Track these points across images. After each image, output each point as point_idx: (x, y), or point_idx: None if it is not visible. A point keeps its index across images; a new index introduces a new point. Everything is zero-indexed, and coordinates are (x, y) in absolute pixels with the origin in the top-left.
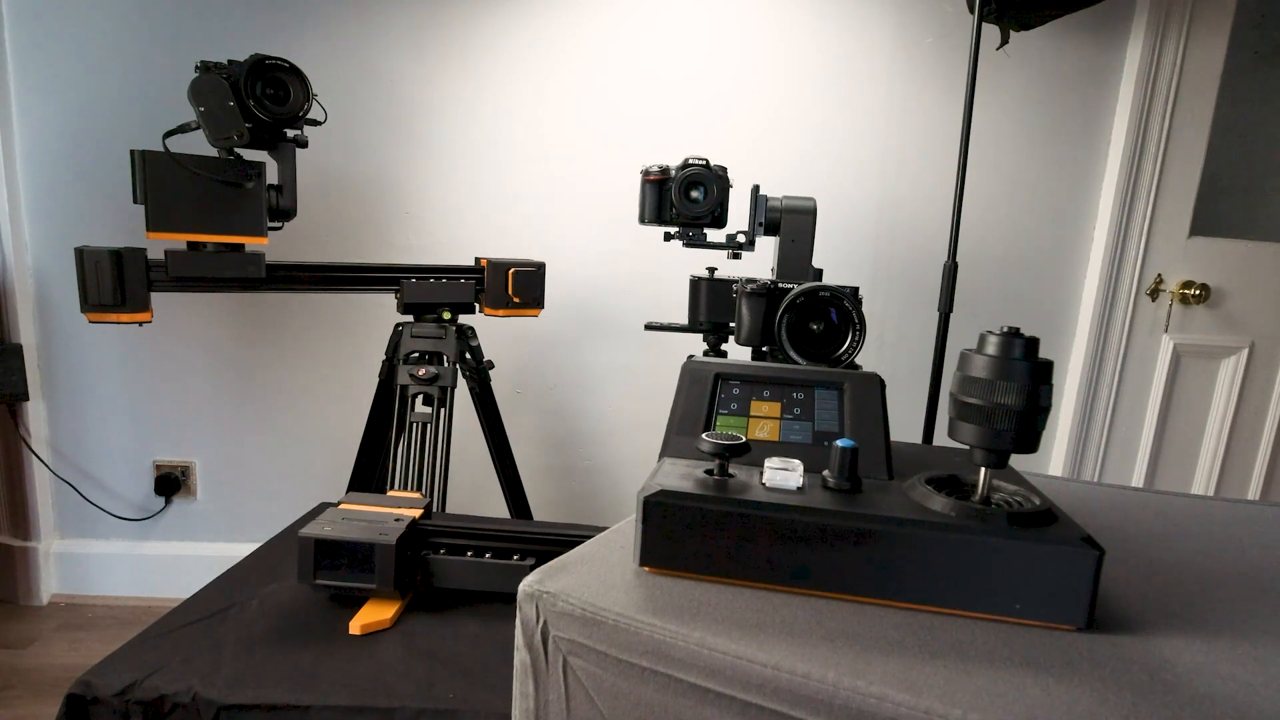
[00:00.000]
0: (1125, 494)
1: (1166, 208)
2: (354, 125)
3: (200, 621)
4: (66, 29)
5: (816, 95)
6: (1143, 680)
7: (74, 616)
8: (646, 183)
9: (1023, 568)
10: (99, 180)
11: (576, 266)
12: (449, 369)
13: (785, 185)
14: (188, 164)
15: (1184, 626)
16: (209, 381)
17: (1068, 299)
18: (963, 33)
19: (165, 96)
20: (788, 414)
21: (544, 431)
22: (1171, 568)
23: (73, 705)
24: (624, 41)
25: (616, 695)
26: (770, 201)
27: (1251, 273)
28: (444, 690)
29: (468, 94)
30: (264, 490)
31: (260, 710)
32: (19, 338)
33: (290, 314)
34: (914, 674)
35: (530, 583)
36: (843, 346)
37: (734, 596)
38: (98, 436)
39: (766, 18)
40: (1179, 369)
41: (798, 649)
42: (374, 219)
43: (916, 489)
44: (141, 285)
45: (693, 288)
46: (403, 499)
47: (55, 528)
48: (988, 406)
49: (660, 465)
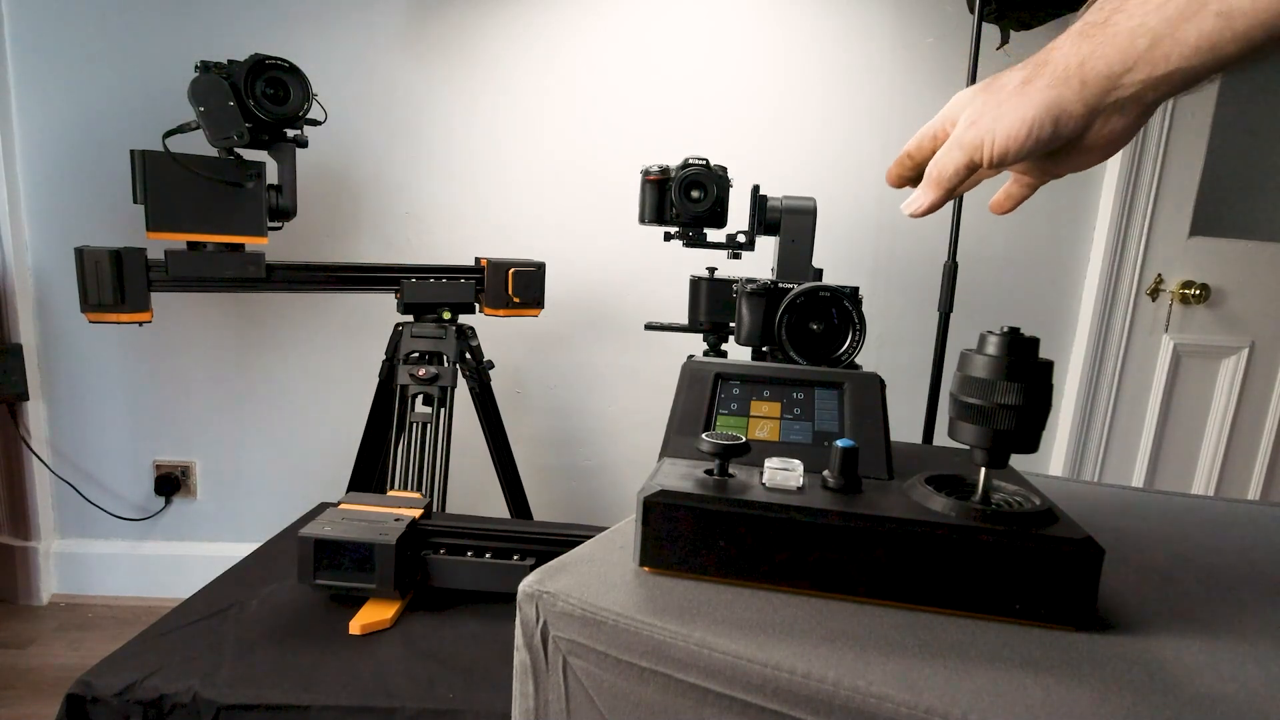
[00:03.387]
0: (1125, 494)
1: (1166, 208)
2: (354, 125)
3: (200, 621)
4: (66, 29)
5: (816, 95)
6: (1143, 680)
7: (74, 616)
8: (647, 183)
9: (1023, 568)
10: (99, 180)
11: (576, 266)
12: (449, 369)
13: (785, 185)
14: (188, 164)
15: (1184, 626)
16: (209, 381)
17: (1068, 299)
18: (963, 33)
19: (165, 96)
20: (788, 414)
21: (544, 431)
22: (1171, 568)
23: (73, 705)
24: (624, 41)
25: (616, 695)
26: (770, 201)
27: (1251, 273)
28: (444, 690)
29: (468, 94)
30: (264, 490)
31: (260, 710)
32: (19, 338)
33: (290, 314)
34: (914, 674)
35: (530, 583)
36: (843, 346)
37: (734, 596)
38: (98, 436)
39: (766, 17)
40: (1179, 369)
41: (798, 649)
42: (374, 219)
43: (916, 489)
44: (141, 285)
45: (693, 288)
46: (403, 499)
47: (55, 528)
48: (988, 406)
49: (660, 465)
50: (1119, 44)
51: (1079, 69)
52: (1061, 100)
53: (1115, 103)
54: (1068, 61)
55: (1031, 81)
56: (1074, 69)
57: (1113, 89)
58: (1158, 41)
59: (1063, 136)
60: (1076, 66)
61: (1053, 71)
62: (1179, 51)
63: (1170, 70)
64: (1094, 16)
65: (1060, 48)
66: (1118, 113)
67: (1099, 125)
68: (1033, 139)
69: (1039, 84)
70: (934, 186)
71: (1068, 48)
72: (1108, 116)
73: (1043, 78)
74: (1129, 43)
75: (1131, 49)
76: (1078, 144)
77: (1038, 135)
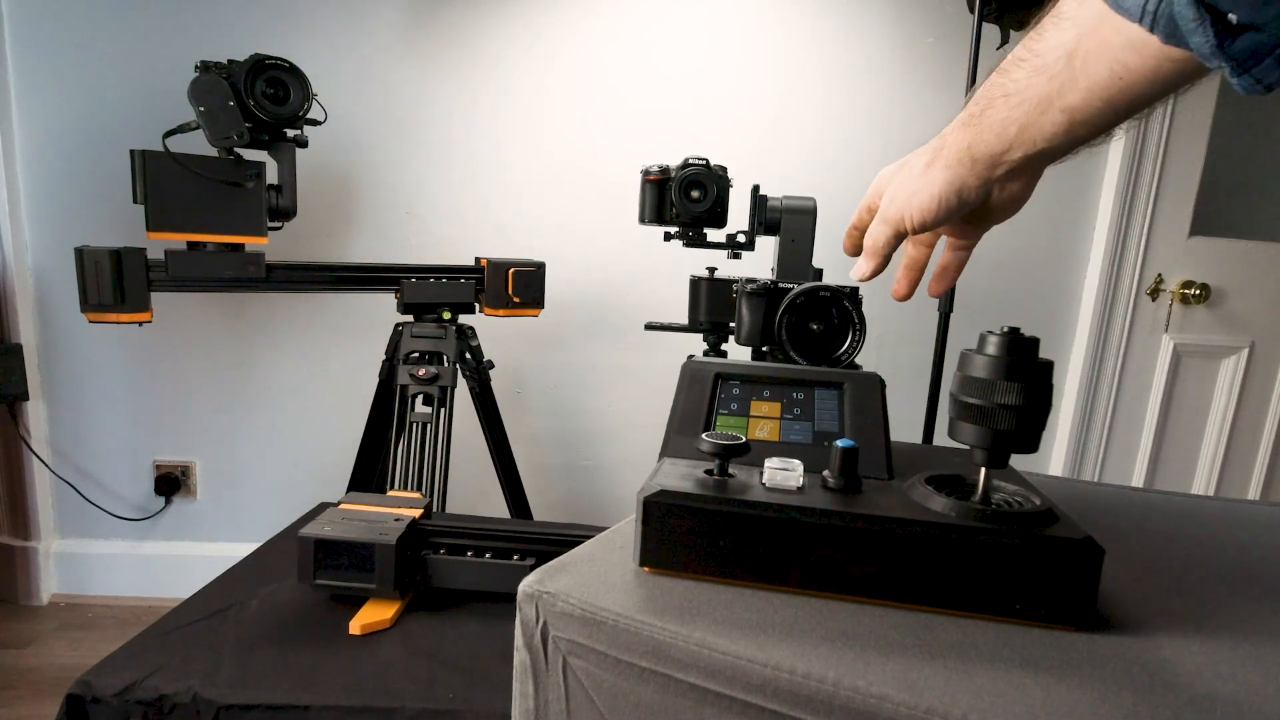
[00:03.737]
0: (1125, 494)
1: (1166, 208)
2: (354, 125)
3: (200, 621)
4: (67, 29)
5: (816, 95)
6: (1143, 680)
7: (74, 616)
8: (646, 182)
9: (1023, 568)
10: (99, 180)
11: (576, 266)
12: (449, 369)
13: (785, 185)
14: (188, 164)
15: (1184, 626)
16: (209, 381)
17: (1068, 299)
18: (963, 33)
19: (165, 96)
20: (788, 414)
21: (544, 431)
22: (1171, 568)
23: (73, 705)
24: (624, 41)
25: (616, 695)
26: (770, 201)
27: (1251, 273)
28: (444, 690)
29: (468, 94)
30: (264, 490)
31: (260, 710)
32: (19, 338)
33: (290, 314)
34: (914, 674)
35: (530, 583)
36: (843, 346)
37: (734, 596)
38: (98, 436)
39: (767, 17)
40: (1179, 369)
41: (798, 649)
42: (374, 219)
43: (916, 489)
44: (141, 285)
45: (693, 288)
46: (403, 499)
47: (55, 528)
48: (988, 406)
49: (660, 465)
50: (995, 131)
51: (968, 151)
52: (959, 177)
53: (1005, 174)
54: (959, 146)
55: (933, 164)
56: (965, 152)
57: (999, 164)
58: (1024, 129)
59: (969, 204)
60: (966, 150)
61: (948, 155)
62: (1042, 135)
63: (1040, 149)
64: (973, 109)
65: (951, 135)
66: (1010, 180)
67: (997, 191)
68: (943, 210)
69: (939, 165)
70: (871, 256)
71: (957, 135)
72: (1002, 184)
73: (942, 160)
74: (1003, 130)
75: (1005, 135)
76: (985, 206)
77: (946, 207)
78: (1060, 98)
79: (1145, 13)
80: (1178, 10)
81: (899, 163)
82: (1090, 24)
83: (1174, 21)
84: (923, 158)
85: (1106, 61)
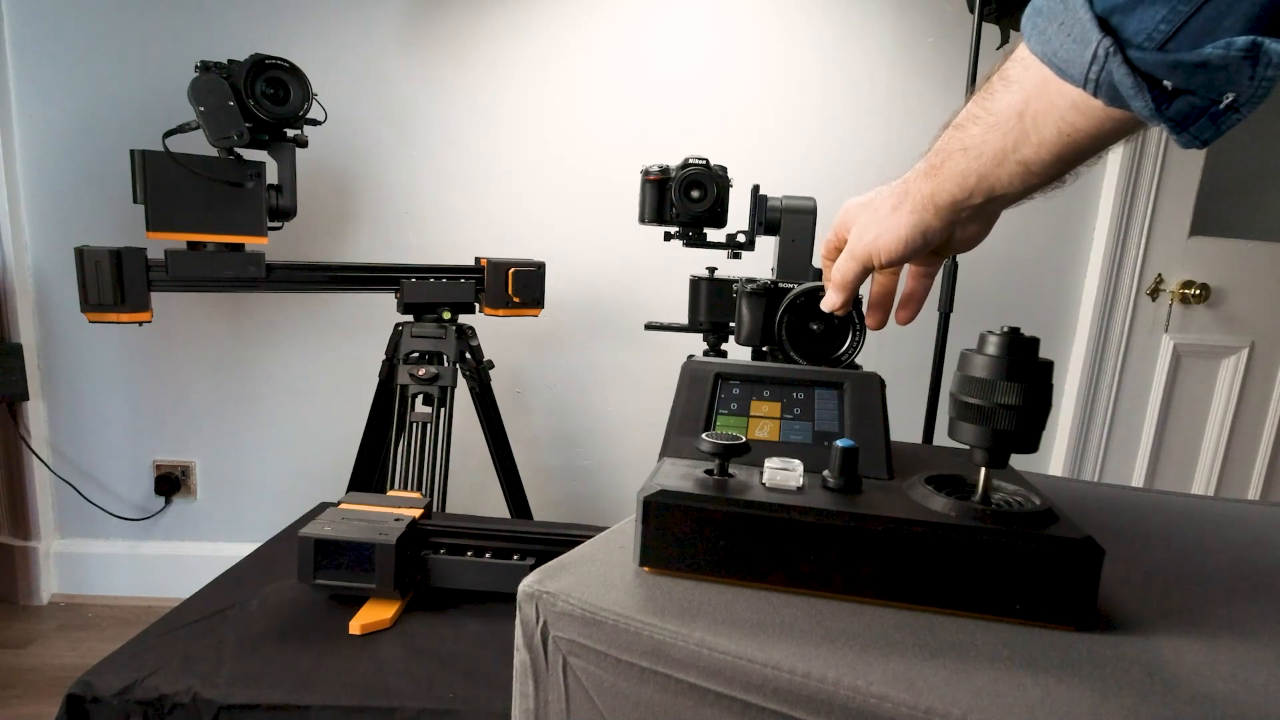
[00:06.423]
0: (1125, 494)
1: (1166, 208)
2: (354, 125)
3: (200, 621)
4: (66, 29)
5: (816, 95)
6: (1143, 680)
7: (74, 616)
8: (646, 182)
9: (1023, 568)
10: (99, 180)
11: (577, 266)
12: (449, 369)
13: (785, 185)
14: (188, 164)
15: (1184, 626)
16: (209, 381)
17: (1068, 299)
18: (963, 33)
19: (165, 96)
20: (788, 414)
21: (544, 431)
22: (1172, 568)
23: (73, 705)
24: (624, 41)
25: (616, 695)
26: (770, 201)
27: (1251, 273)
28: (444, 690)
29: (467, 94)
30: (264, 490)
31: (260, 710)
32: (19, 338)
33: (290, 314)
34: (914, 674)
35: (530, 583)
36: (843, 347)
37: (734, 596)
38: (98, 436)
39: (766, 17)
40: (1179, 369)
41: (798, 649)
42: (374, 219)
43: (916, 489)
44: (141, 285)
45: (693, 288)
46: (403, 499)
47: (55, 527)
48: (988, 406)
49: (660, 465)
50: (956, 181)
51: (932, 199)
52: (924, 221)
53: (966, 217)
54: (922, 194)
55: (899, 207)
56: (929, 199)
57: (961, 209)
58: (983, 178)
59: (932, 244)
60: (929, 197)
61: (913, 200)
62: (1001, 184)
63: (998, 195)
64: (934, 160)
65: (915, 182)
66: (970, 222)
67: (959, 232)
68: (909, 250)
69: (905, 209)
70: (840, 289)
71: (920, 183)
72: (964, 226)
73: (907, 204)
74: (962, 180)
75: (965, 184)
76: (947, 243)
77: (912, 246)
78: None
79: (1089, 80)
80: (1118, 79)
81: (863, 200)
82: (1036, 86)
83: (1115, 88)
84: (889, 201)
85: (1054, 121)
